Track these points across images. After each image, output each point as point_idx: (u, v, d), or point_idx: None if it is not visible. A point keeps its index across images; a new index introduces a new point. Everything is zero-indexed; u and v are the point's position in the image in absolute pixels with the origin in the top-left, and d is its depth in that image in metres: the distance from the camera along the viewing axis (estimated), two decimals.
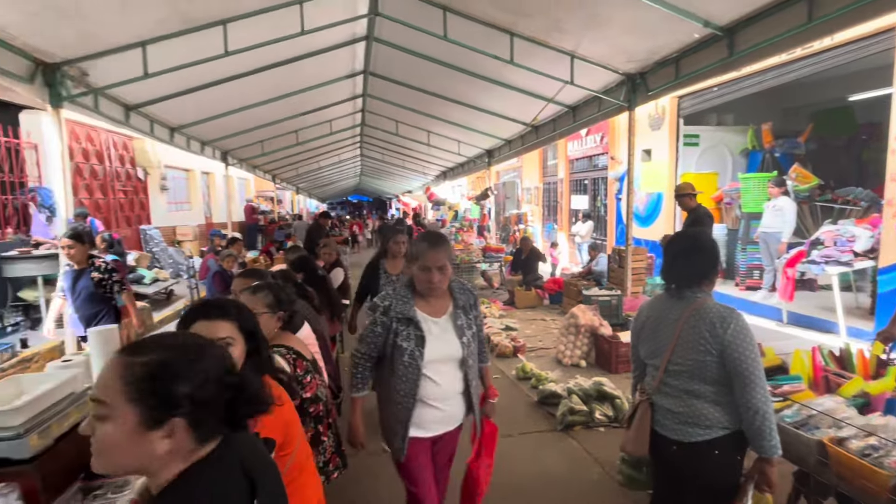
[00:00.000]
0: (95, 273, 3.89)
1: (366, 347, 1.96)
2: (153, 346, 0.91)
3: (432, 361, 1.87)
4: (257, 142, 9.13)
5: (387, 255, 3.70)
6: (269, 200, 18.41)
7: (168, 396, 0.86)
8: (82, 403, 1.67)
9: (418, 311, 1.90)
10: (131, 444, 0.84)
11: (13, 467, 1.39)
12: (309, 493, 1.52)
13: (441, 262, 1.86)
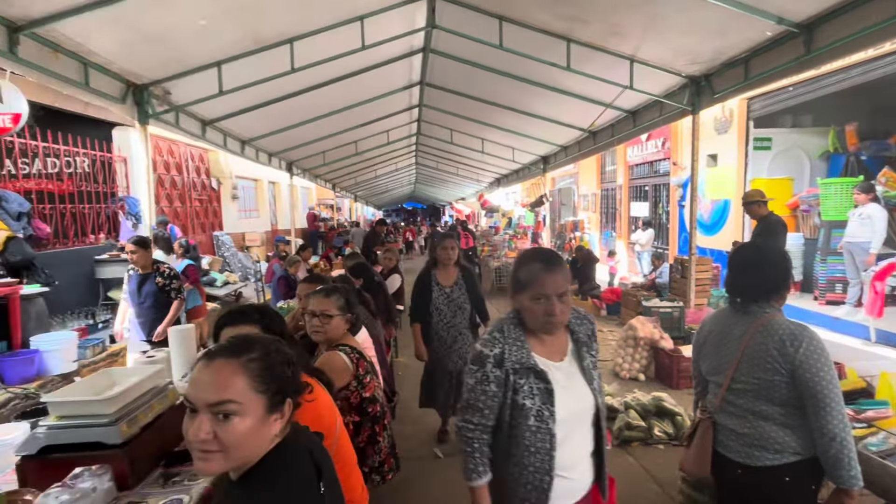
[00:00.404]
0: (160, 278, 4.05)
1: (478, 415, 1.44)
2: (245, 345, 1.01)
3: (564, 420, 1.41)
4: (320, 152, 9.55)
5: (437, 265, 3.46)
6: (329, 208, 19.14)
7: (282, 381, 1.00)
8: (164, 396, 1.82)
9: (536, 356, 1.44)
10: (260, 431, 0.94)
11: (106, 451, 1.54)
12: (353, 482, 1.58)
13: (562, 287, 1.42)
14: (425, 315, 3.43)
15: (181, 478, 1.65)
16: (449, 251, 3.42)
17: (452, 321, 3.43)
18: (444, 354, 3.46)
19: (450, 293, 3.43)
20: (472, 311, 3.50)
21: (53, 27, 3.40)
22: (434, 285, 3.41)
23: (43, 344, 4.30)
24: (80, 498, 1.41)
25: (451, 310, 3.42)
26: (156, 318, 4.07)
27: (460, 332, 3.46)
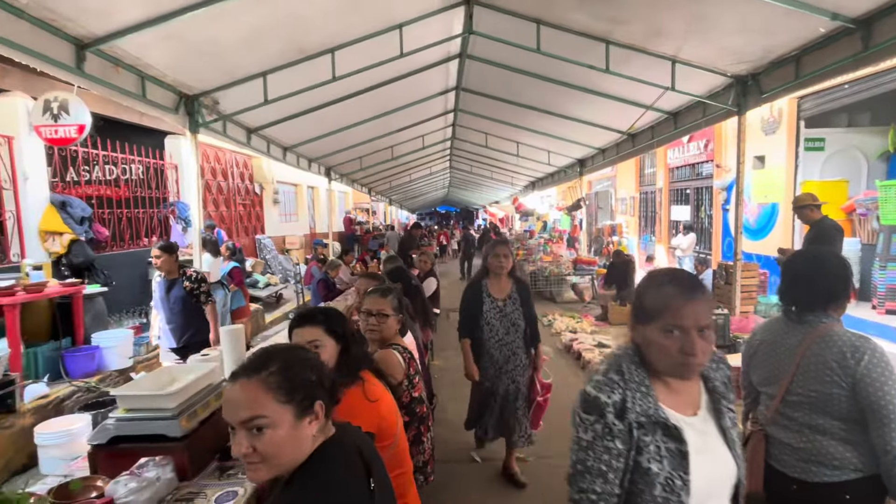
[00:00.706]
0: (187, 283, 3.94)
1: (600, 481, 1.10)
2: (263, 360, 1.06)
3: (699, 492, 1.10)
4: (357, 158, 9.76)
5: (488, 275, 3.14)
6: (364, 212, 19.48)
7: (307, 386, 1.04)
8: (219, 393, 1.91)
9: (665, 408, 1.13)
10: (294, 437, 1.00)
11: (168, 443, 1.64)
12: (409, 485, 1.61)
13: (704, 319, 1.11)
14: (475, 330, 3.11)
15: (235, 471, 1.73)
16: (501, 259, 3.07)
17: (505, 339, 3.10)
18: (495, 375, 3.14)
19: (503, 307, 3.08)
20: (526, 328, 3.15)
21: (115, 44, 3.61)
22: (485, 297, 3.09)
23: (102, 341, 4.58)
24: (145, 486, 1.50)
25: (504, 326, 3.09)
26: (186, 323, 3.98)
27: (514, 352, 3.12)
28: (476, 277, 3.25)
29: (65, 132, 4.76)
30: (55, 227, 5.14)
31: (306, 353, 1.13)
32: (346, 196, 19.08)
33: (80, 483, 1.36)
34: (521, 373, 3.13)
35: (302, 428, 1.01)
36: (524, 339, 3.14)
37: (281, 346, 1.15)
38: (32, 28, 3.00)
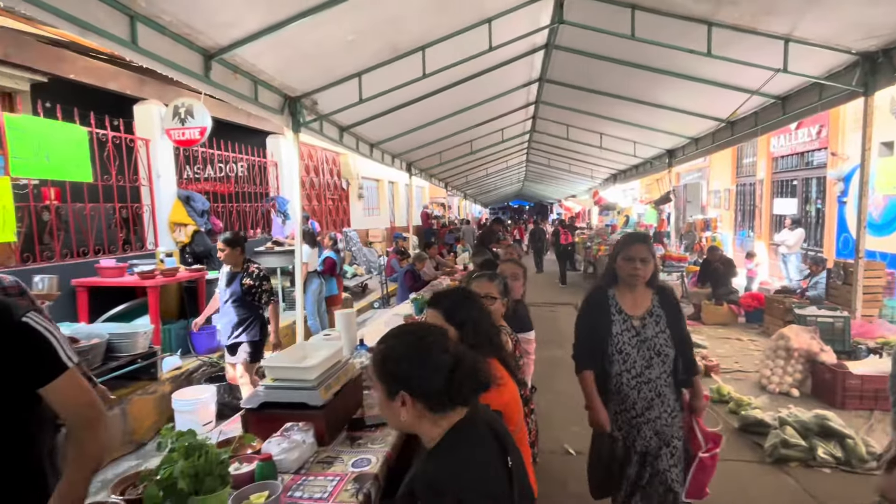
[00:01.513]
0: (247, 279, 3.85)
1: None
2: (388, 337, 1.21)
3: None
4: (437, 153, 9.95)
5: (616, 282, 2.28)
6: (440, 206, 19.81)
7: (393, 376, 1.14)
8: (346, 370, 2.09)
9: None
10: (388, 409, 1.15)
11: (309, 411, 1.82)
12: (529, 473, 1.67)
13: None
14: (600, 359, 2.24)
15: (364, 441, 1.88)
16: (637, 265, 2.15)
17: (645, 373, 2.18)
18: (631, 425, 2.21)
19: (640, 328, 2.19)
20: (676, 358, 2.22)
21: (235, 52, 3.95)
22: (615, 314, 2.23)
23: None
24: (294, 447, 1.69)
25: (644, 355, 2.18)
26: (237, 318, 3.89)
27: (659, 393, 2.19)
28: (599, 287, 2.36)
29: (190, 134, 5.35)
30: (181, 219, 5.79)
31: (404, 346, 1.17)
32: (423, 191, 19.53)
33: (249, 438, 1.57)
34: (670, 420, 2.20)
35: (392, 408, 1.14)
36: (674, 373, 2.22)
37: (394, 333, 1.25)
38: (172, 43, 3.39)
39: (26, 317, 1.29)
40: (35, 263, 4.48)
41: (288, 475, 1.63)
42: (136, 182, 5.60)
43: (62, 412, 1.32)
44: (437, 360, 1.13)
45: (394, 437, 1.90)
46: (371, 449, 1.82)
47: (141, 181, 5.66)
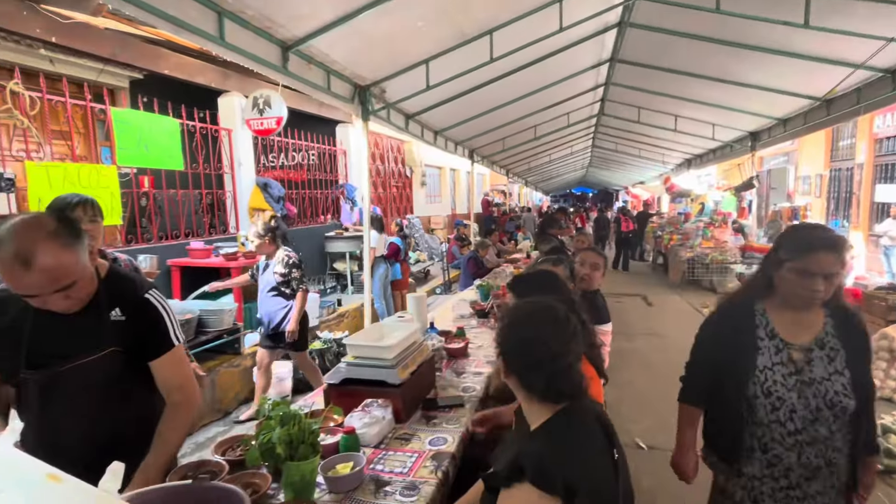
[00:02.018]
0: (280, 268, 3.89)
1: None
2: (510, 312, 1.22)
3: None
4: (499, 139, 9.85)
5: (769, 292, 1.57)
6: (501, 193, 19.63)
7: (505, 360, 1.16)
8: (421, 350, 2.15)
9: None
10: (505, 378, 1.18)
11: (387, 389, 1.89)
12: None
13: None
14: (735, 400, 1.55)
15: (439, 420, 1.93)
16: (818, 283, 1.43)
17: (810, 429, 1.48)
18: (776, 499, 1.53)
19: (803, 364, 1.51)
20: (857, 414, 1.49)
21: (311, 43, 4.09)
22: (763, 338, 1.55)
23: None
24: (374, 423, 1.76)
25: (808, 403, 1.48)
26: (276, 308, 3.94)
27: (829, 461, 1.49)
28: (743, 294, 1.68)
29: (267, 124, 5.63)
30: (259, 204, 6.16)
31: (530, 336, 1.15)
32: (484, 178, 19.44)
33: (339, 410, 1.67)
34: (836, 500, 1.53)
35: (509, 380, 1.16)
36: (853, 432, 1.51)
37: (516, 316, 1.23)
38: (254, 36, 3.56)
39: (148, 293, 1.44)
40: (136, 245, 4.95)
41: (369, 448, 1.72)
42: (219, 170, 6.01)
43: (162, 387, 1.45)
44: (539, 359, 1.11)
45: (468, 419, 1.93)
46: (446, 429, 1.86)
47: (224, 169, 6.07)
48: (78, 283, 1.25)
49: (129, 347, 1.38)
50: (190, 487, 1.07)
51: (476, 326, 3.42)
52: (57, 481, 0.84)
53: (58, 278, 1.18)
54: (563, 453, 1.02)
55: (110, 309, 1.37)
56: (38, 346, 1.33)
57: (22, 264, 1.11)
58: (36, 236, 1.14)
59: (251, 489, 1.43)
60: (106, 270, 1.45)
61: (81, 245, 1.23)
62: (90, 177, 4.27)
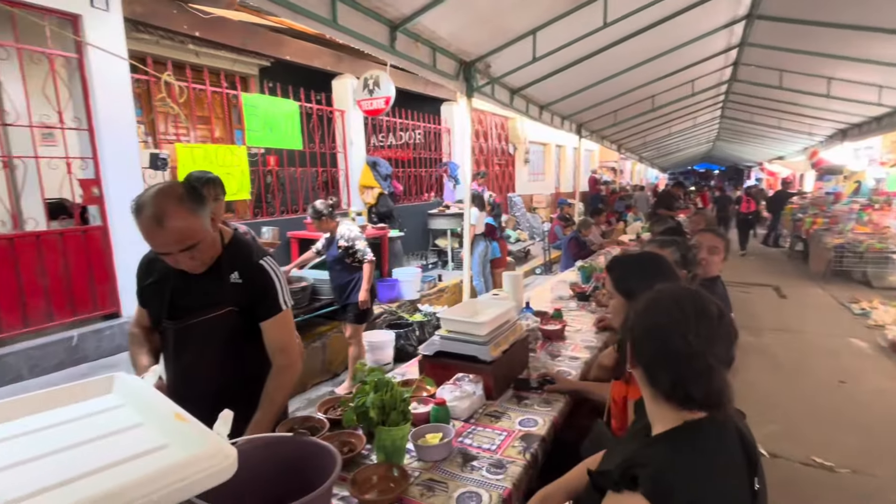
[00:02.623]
0: (342, 242, 3.91)
1: None
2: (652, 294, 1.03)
3: None
4: (611, 112, 9.21)
5: None
6: (611, 171, 18.52)
7: (636, 342, 1.01)
8: (514, 329, 2.11)
9: None
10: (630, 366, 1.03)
11: (479, 365, 1.89)
12: None
13: None
14: None
15: (531, 402, 1.89)
16: None
17: None
18: None
19: None
20: None
21: (417, 21, 4.12)
22: None
23: (400, 275, 5.65)
24: (465, 397, 1.78)
25: None
26: (342, 282, 4.00)
27: None
28: None
29: (376, 104, 5.88)
30: (369, 182, 6.49)
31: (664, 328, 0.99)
32: (592, 155, 18.46)
33: (431, 381, 1.71)
34: None
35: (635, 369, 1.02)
36: None
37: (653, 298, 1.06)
38: (364, 17, 3.67)
39: (263, 260, 1.58)
40: (261, 217, 5.51)
41: (458, 422, 1.74)
42: (333, 149, 6.42)
43: (269, 348, 1.58)
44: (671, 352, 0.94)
45: (562, 404, 1.87)
46: (537, 411, 1.82)
47: (337, 148, 6.47)
48: (200, 246, 1.42)
49: (243, 308, 1.54)
50: (291, 439, 1.16)
51: (575, 309, 3.28)
52: (182, 421, 0.96)
53: (183, 238, 1.37)
54: (689, 473, 0.87)
55: (230, 272, 1.54)
56: (175, 300, 1.56)
57: (157, 224, 1.32)
58: (168, 201, 1.33)
59: (347, 447, 1.53)
60: (229, 237, 1.62)
61: (204, 212, 1.42)
62: (225, 156, 4.80)
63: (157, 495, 0.74)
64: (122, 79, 4.10)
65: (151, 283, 1.60)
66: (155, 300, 1.60)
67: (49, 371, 3.57)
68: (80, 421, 1.03)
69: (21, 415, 1.05)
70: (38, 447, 0.91)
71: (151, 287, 1.60)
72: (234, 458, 0.84)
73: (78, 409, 1.08)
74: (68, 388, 1.14)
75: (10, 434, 0.97)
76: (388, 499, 1.29)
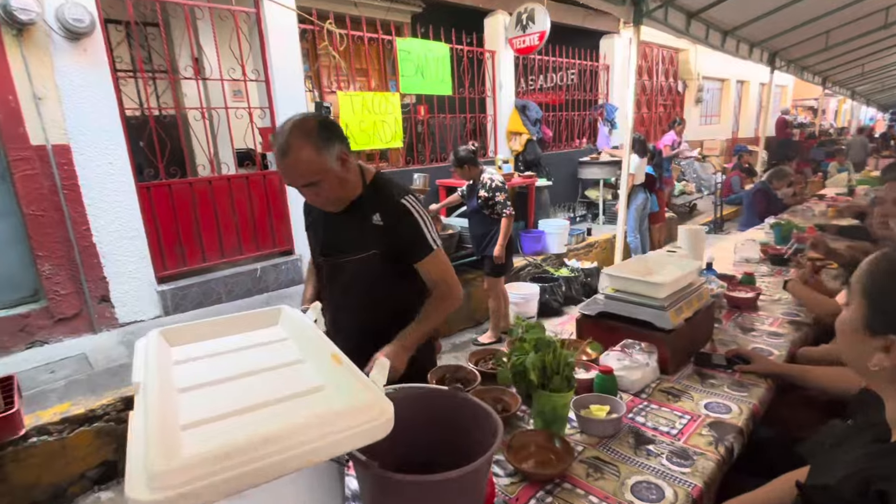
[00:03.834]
0: (482, 191, 3.73)
1: None
2: None
3: None
4: (819, 34, 7.32)
5: None
6: (807, 111, 15.21)
7: (886, 309, 0.82)
8: (699, 294, 1.75)
9: None
10: (853, 339, 0.88)
11: (654, 332, 1.60)
12: None
13: None
14: None
15: (719, 382, 1.56)
16: None
17: None
18: None
19: None
20: None
21: None
22: None
23: (547, 227, 5.35)
24: (636, 367, 1.52)
25: None
26: (480, 233, 3.89)
27: None
28: None
29: (529, 41, 5.44)
30: (517, 128, 6.17)
31: None
32: (783, 92, 15.29)
33: (598, 346, 1.49)
34: None
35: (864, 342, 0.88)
36: None
37: None
38: None
39: (405, 199, 1.49)
40: (413, 165, 5.62)
41: (626, 395, 1.50)
42: (482, 94, 6.19)
43: (428, 282, 1.55)
44: None
45: (762, 390, 1.50)
46: (729, 394, 1.48)
47: (486, 93, 6.22)
48: (323, 184, 1.39)
49: (388, 251, 1.49)
50: (447, 393, 1.06)
51: (768, 274, 2.70)
52: (338, 362, 0.90)
53: (304, 173, 1.36)
54: None
55: (372, 213, 1.49)
56: (328, 238, 1.59)
57: (282, 155, 1.34)
58: (296, 134, 1.33)
59: (501, 405, 1.41)
60: (371, 176, 1.56)
61: (329, 151, 1.37)
62: (380, 104, 4.92)
63: (321, 442, 0.69)
64: (291, 31, 4.36)
65: (310, 223, 1.67)
66: (312, 238, 1.68)
67: (240, 297, 4.17)
68: (250, 350, 1.05)
69: (206, 337, 1.12)
70: (212, 373, 0.94)
71: (310, 226, 1.68)
72: (391, 414, 0.75)
73: (249, 337, 1.11)
74: (243, 316, 1.18)
75: (191, 356, 1.02)
76: (550, 474, 1.14)
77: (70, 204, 3.28)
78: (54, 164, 3.17)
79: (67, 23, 3.02)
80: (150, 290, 3.73)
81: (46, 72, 3.08)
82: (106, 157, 3.42)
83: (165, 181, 3.81)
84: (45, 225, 3.21)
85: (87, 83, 3.26)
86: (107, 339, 3.40)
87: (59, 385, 2.71)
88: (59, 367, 2.95)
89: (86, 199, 3.34)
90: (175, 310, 3.82)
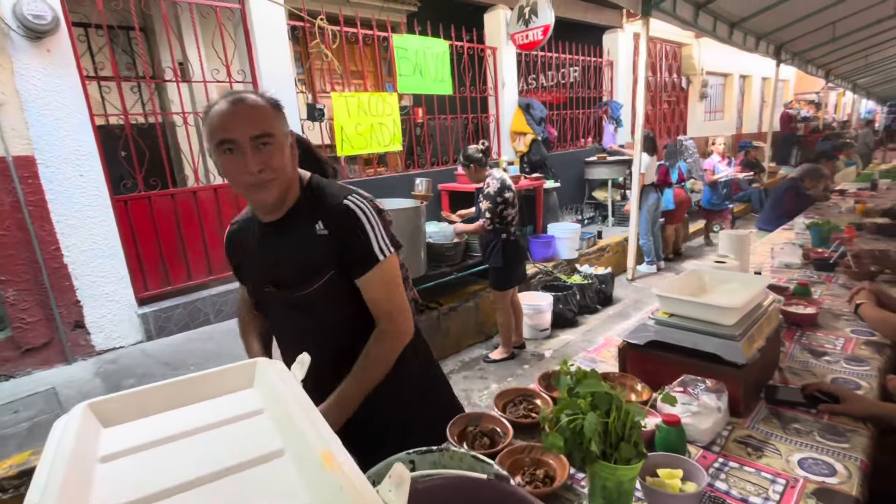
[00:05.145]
0: (481, 198, 3.55)
1: None
2: None
3: None
4: (826, 25, 7.10)
5: None
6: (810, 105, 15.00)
7: None
8: (769, 317, 1.46)
9: None
10: None
11: (719, 367, 1.31)
12: None
13: None
14: None
15: (806, 428, 1.26)
16: None
17: None
18: None
19: None
20: None
21: None
22: None
23: (557, 231, 5.06)
24: (705, 413, 1.23)
25: None
26: (483, 241, 3.73)
27: None
28: None
29: (533, 35, 5.17)
30: (521, 127, 5.89)
31: None
32: (785, 86, 15.08)
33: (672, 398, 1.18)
34: None
35: None
36: None
37: None
38: None
39: (347, 198, 1.21)
40: (413, 169, 5.33)
41: (695, 448, 1.21)
42: (484, 92, 5.91)
43: (371, 310, 1.26)
44: None
45: (867, 440, 1.20)
46: (824, 446, 1.18)
47: (488, 91, 5.94)
48: (273, 148, 1.14)
49: (340, 267, 1.22)
50: (488, 484, 0.77)
51: (818, 281, 2.41)
52: (330, 466, 0.60)
53: (257, 122, 1.12)
54: None
55: (314, 221, 1.21)
56: (268, 269, 1.30)
57: (234, 103, 1.12)
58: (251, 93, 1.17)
59: (543, 471, 1.11)
60: (308, 179, 1.29)
61: (282, 122, 1.19)
62: (377, 105, 4.63)
63: None
64: (280, 28, 4.08)
65: (240, 259, 1.41)
66: (248, 277, 1.41)
67: (230, 317, 3.87)
68: (210, 434, 0.76)
69: (154, 410, 0.83)
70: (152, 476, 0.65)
71: (240, 263, 1.42)
72: None
73: (213, 410, 0.82)
74: (206, 376, 0.89)
75: (127, 446, 0.73)
76: None
77: (36, 221, 2.97)
78: (16, 177, 2.87)
79: (26, 19, 2.72)
80: (130, 312, 3.43)
81: (5, 75, 2.79)
82: (76, 169, 3.12)
83: (145, 193, 3.51)
84: (6, 246, 2.90)
85: (53, 87, 2.97)
86: (81, 370, 3.09)
87: (22, 428, 2.41)
88: (24, 404, 2.64)
89: (54, 215, 3.04)
90: (159, 333, 3.52)
